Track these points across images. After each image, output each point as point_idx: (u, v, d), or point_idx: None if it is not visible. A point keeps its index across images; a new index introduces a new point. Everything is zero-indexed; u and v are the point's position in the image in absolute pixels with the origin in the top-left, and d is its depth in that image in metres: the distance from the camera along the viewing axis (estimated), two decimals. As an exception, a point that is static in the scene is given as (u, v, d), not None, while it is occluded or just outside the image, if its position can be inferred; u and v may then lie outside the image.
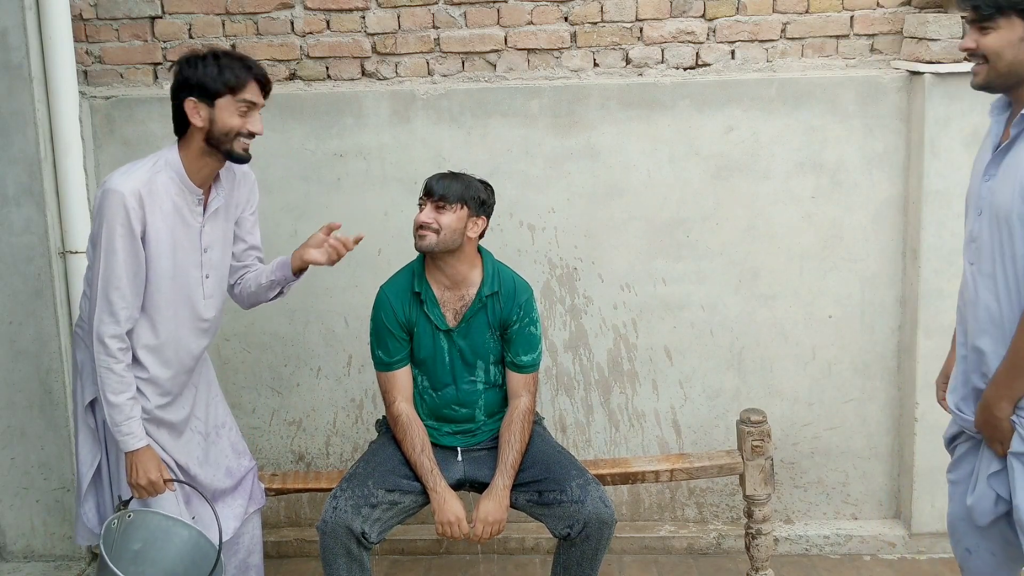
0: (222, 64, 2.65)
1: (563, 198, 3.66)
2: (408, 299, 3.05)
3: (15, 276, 3.56)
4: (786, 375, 3.75)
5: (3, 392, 3.64)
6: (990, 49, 2.30)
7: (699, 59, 3.62)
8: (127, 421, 2.68)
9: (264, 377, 3.82)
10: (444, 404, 3.10)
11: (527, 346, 3.08)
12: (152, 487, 2.71)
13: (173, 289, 2.72)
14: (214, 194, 2.78)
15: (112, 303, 2.65)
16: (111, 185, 2.62)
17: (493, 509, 2.96)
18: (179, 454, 2.84)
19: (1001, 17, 2.27)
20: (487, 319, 3.05)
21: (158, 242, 2.66)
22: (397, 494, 2.97)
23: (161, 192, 2.66)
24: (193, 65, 2.66)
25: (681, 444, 3.82)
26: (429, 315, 3.03)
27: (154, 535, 2.72)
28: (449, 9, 3.60)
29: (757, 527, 3.36)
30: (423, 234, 2.97)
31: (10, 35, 3.42)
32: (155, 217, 2.64)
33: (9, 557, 3.79)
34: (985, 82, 2.36)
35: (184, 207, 2.70)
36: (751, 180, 3.62)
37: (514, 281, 3.09)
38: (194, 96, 2.64)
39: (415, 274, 3.07)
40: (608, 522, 2.93)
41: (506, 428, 3.06)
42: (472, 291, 3.05)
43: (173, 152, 2.71)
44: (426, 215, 2.98)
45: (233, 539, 2.99)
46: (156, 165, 2.68)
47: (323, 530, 2.90)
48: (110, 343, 2.66)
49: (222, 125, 2.65)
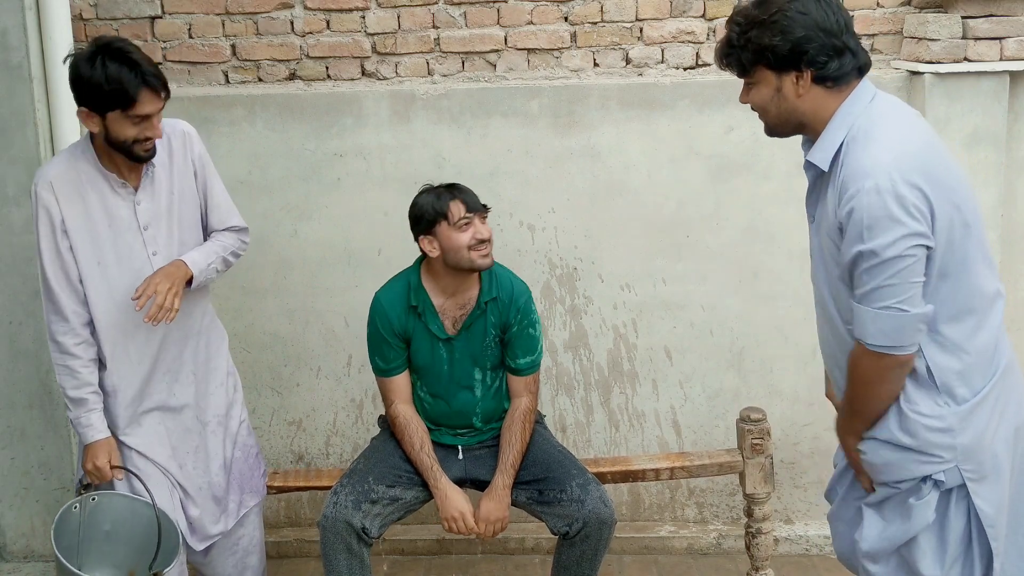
0: (109, 76, 2.47)
1: (563, 198, 3.66)
2: (404, 310, 3.03)
3: (15, 276, 3.56)
4: (786, 375, 3.75)
5: (3, 392, 3.64)
6: (756, 104, 2.27)
7: (699, 59, 3.62)
8: (87, 414, 2.71)
9: (264, 377, 3.82)
10: (442, 411, 3.10)
11: (525, 348, 3.08)
12: (98, 472, 2.72)
13: (103, 275, 2.69)
14: (144, 169, 2.70)
15: (53, 301, 2.67)
16: (34, 178, 2.65)
17: (495, 508, 2.97)
18: (177, 441, 2.85)
19: (756, 72, 2.22)
20: (486, 325, 3.05)
21: (77, 231, 2.65)
22: (398, 489, 2.98)
23: (81, 178, 2.64)
24: (82, 67, 2.51)
25: (681, 444, 3.82)
26: (428, 326, 3.02)
27: (122, 516, 2.75)
28: (449, 9, 3.60)
29: (757, 526, 3.36)
30: (487, 251, 2.96)
31: (10, 35, 3.42)
32: (73, 205, 2.63)
33: (9, 557, 3.79)
34: (770, 131, 2.32)
35: (108, 191, 2.67)
36: (751, 180, 3.62)
37: (512, 283, 3.08)
38: (84, 104, 2.55)
39: (411, 287, 3.03)
40: (608, 522, 2.93)
41: (507, 428, 3.06)
42: (472, 297, 3.04)
43: (87, 141, 2.69)
44: (487, 229, 2.97)
45: (232, 539, 2.98)
46: (74, 153, 2.68)
47: (324, 525, 2.91)
48: (62, 340, 2.68)
49: (116, 135, 2.56)
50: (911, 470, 2.24)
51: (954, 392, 2.21)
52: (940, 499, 2.25)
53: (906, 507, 2.27)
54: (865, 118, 2.19)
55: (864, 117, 2.19)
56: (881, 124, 2.18)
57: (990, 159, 3.49)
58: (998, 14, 3.41)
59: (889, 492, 2.29)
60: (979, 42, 3.42)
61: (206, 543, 2.90)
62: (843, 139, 2.19)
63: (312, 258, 3.72)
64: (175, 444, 2.85)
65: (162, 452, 2.82)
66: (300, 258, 3.72)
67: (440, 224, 2.93)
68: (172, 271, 2.69)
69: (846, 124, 2.20)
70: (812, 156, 2.25)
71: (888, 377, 2.20)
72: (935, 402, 2.21)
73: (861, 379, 2.24)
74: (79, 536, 2.71)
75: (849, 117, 2.20)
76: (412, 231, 3.01)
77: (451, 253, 2.93)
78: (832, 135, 2.21)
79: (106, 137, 2.58)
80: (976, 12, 3.41)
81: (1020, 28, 3.41)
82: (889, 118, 2.20)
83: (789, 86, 2.21)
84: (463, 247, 2.92)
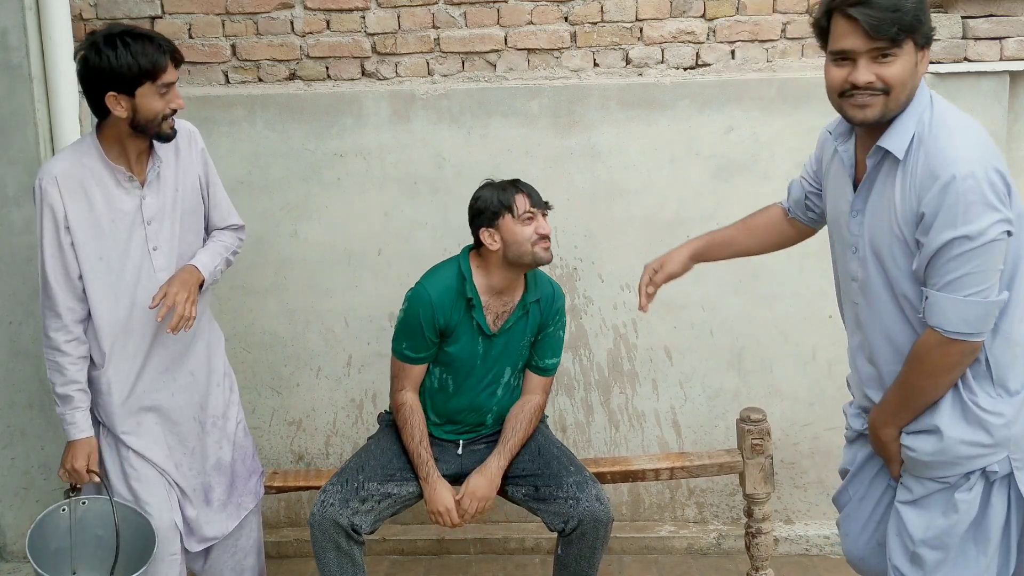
0: (134, 51, 2.56)
1: (563, 198, 3.65)
2: (454, 303, 3.00)
3: (15, 276, 3.56)
4: (786, 375, 3.75)
5: (3, 392, 3.64)
6: (893, 79, 2.12)
7: (699, 59, 3.62)
8: (71, 412, 2.72)
9: (264, 377, 3.82)
10: (460, 406, 3.10)
11: (555, 350, 3.12)
12: (76, 473, 2.74)
13: (106, 269, 2.71)
14: (151, 164, 2.74)
15: (50, 297, 2.68)
16: (38, 174, 2.67)
17: (483, 485, 2.97)
18: (174, 441, 2.85)
19: (904, 44, 2.11)
20: (526, 326, 3.06)
21: (80, 227, 2.66)
22: (390, 486, 2.98)
23: (86, 174, 2.66)
24: (103, 54, 2.56)
25: (681, 444, 3.82)
26: (476, 319, 3.01)
27: (113, 522, 2.76)
28: (449, 9, 3.60)
29: (757, 526, 3.36)
30: (549, 246, 2.97)
31: (10, 35, 3.42)
32: (77, 201, 2.65)
33: (9, 557, 3.79)
34: (881, 114, 2.16)
35: (114, 186, 2.69)
36: (751, 180, 3.62)
37: (552, 286, 3.12)
38: (113, 89, 2.58)
39: (464, 277, 3.01)
40: (603, 520, 2.93)
41: (514, 416, 3.08)
42: (516, 297, 3.04)
43: (94, 136, 2.70)
44: (548, 225, 2.98)
45: (230, 541, 2.98)
46: (80, 149, 2.70)
47: (312, 524, 2.92)
48: (54, 337, 2.69)
49: (146, 112, 2.61)
50: (967, 463, 2.24)
51: (1007, 383, 2.23)
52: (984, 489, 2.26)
53: (951, 501, 2.26)
54: (935, 107, 2.19)
55: (933, 106, 2.19)
56: (955, 113, 2.19)
57: (990, 159, 3.49)
58: (998, 14, 3.41)
59: (932, 487, 2.29)
60: (979, 42, 3.42)
61: (203, 545, 2.90)
62: (915, 127, 2.17)
63: (312, 258, 3.72)
64: (172, 444, 2.85)
65: (159, 452, 2.82)
66: (300, 258, 3.72)
67: (504, 217, 2.94)
68: (187, 278, 2.72)
69: (917, 112, 2.19)
70: (887, 143, 2.19)
71: (957, 364, 2.20)
72: (988, 394, 2.23)
73: (928, 369, 2.22)
74: (70, 540, 2.73)
75: (920, 105, 2.19)
76: (472, 224, 3.01)
77: (514, 246, 2.94)
78: (907, 122, 2.18)
79: (133, 120, 2.61)
80: (976, 12, 3.41)
81: (1020, 28, 3.41)
82: (954, 108, 2.21)
83: (918, 64, 2.16)
84: (526, 240, 2.93)
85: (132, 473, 2.79)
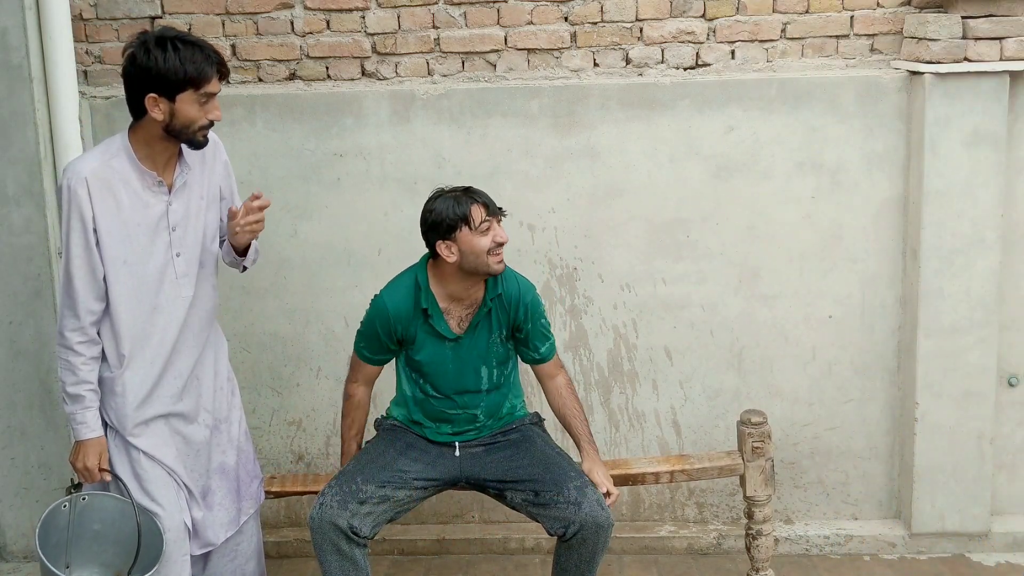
0: (183, 57, 2.56)
1: (563, 198, 3.66)
2: (411, 314, 3.01)
3: (15, 276, 3.56)
4: (786, 375, 3.75)
5: (3, 392, 3.64)
6: None
7: (699, 59, 3.62)
8: (82, 411, 2.73)
9: (264, 377, 3.82)
10: (445, 409, 3.10)
11: (542, 337, 3.12)
12: (88, 472, 2.74)
13: (129, 273, 2.71)
14: (179, 171, 2.75)
15: (71, 297, 2.68)
16: (65, 173, 2.66)
17: (599, 468, 3.10)
18: (181, 444, 2.85)
19: None
20: (491, 323, 3.05)
21: (107, 229, 2.66)
22: (389, 489, 2.98)
23: (115, 177, 2.65)
24: (152, 54, 2.56)
25: (681, 444, 3.82)
26: (435, 327, 3.01)
27: (112, 516, 2.77)
28: (449, 9, 3.60)
29: (758, 528, 3.36)
30: (502, 256, 2.95)
31: (10, 35, 3.42)
32: (105, 203, 2.64)
33: (9, 557, 3.80)
34: None
35: (142, 189, 2.69)
36: (751, 180, 3.62)
37: (516, 281, 3.08)
38: (154, 91, 2.58)
39: (420, 288, 3.00)
40: (604, 525, 2.93)
41: (561, 405, 3.15)
42: (478, 297, 3.03)
43: (125, 137, 2.70)
44: (504, 233, 2.96)
45: (230, 546, 2.98)
46: (109, 150, 2.69)
47: (311, 527, 2.93)
48: (69, 336, 2.69)
49: (183, 119, 2.62)
50: None
51: None
52: None
53: None
54: None
55: None
56: None
57: (990, 159, 3.49)
58: (998, 14, 3.41)
59: None
60: (979, 42, 3.41)
61: (203, 549, 2.90)
62: None
63: (312, 258, 3.72)
64: (179, 447, 2.85)
65: (168, 453, 2.82)
66: (300, 258, 3.72)
67: (461, 230, 2.90)
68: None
69: None
70: None
71: None
72: None
73: None
74: (68, 534, 2.74)
75: None
76: (426, 236, 2.96)
77: (471, 257, 2.91)
78: None
79: (168, 125, 2.62)
80: (976, 12, 3.41)
81: (1020, 28, 3.40)
82: None
83: None
84: (483, 251, 2.90)
85: (143, 475, 2.79)
